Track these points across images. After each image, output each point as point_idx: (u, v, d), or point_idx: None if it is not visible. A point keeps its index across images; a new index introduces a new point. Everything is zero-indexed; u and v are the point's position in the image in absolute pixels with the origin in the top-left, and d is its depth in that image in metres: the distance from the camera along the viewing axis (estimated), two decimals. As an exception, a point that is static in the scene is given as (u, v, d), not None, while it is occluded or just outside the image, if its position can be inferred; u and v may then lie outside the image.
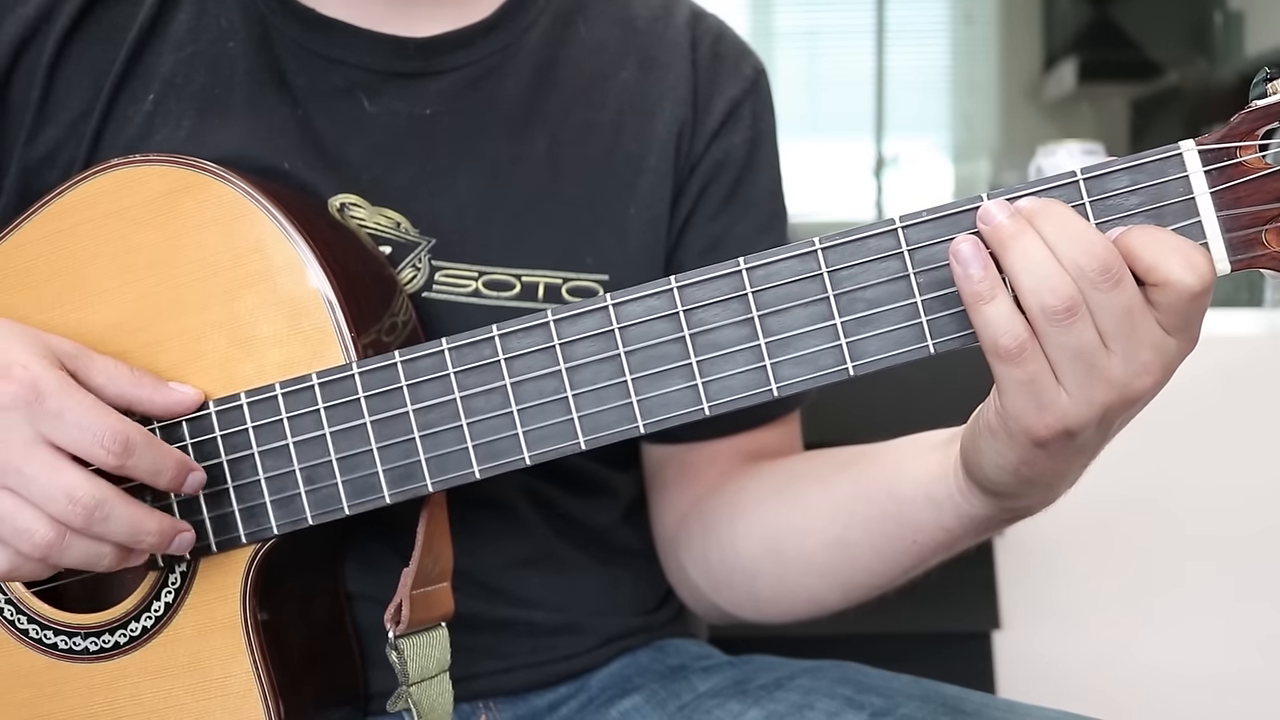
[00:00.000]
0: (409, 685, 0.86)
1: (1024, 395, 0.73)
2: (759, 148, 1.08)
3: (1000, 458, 0.79)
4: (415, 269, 0.97)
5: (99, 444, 0.80)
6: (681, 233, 1.05)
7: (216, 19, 0.98)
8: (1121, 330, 0.72)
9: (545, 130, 1.01)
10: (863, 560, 0.96)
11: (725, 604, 1.07)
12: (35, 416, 0.80)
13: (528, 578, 1.03)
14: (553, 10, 1.04)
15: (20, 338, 0.83)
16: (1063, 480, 0.83)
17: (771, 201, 1.10)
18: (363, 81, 0.98)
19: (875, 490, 0.94)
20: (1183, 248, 0.71)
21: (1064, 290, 0.71)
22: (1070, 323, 0.71)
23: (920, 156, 5.49)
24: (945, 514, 0.88)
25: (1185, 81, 4.87)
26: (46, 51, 0.96)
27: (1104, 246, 0.71)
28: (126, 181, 0.90)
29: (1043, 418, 0.74)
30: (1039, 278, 0.71)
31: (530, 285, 0.98)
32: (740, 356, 0.78)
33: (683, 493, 1.09)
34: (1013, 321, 0.72)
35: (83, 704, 0.90)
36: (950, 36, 5.48)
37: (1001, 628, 1.71)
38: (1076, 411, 0.73)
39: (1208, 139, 0.73)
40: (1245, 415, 1.78)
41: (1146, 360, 0.73)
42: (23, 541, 0.80)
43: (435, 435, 0.83)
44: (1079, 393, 0.73)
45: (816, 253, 0.76)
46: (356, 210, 0.96)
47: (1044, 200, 0.73)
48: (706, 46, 1.08)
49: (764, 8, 5.29)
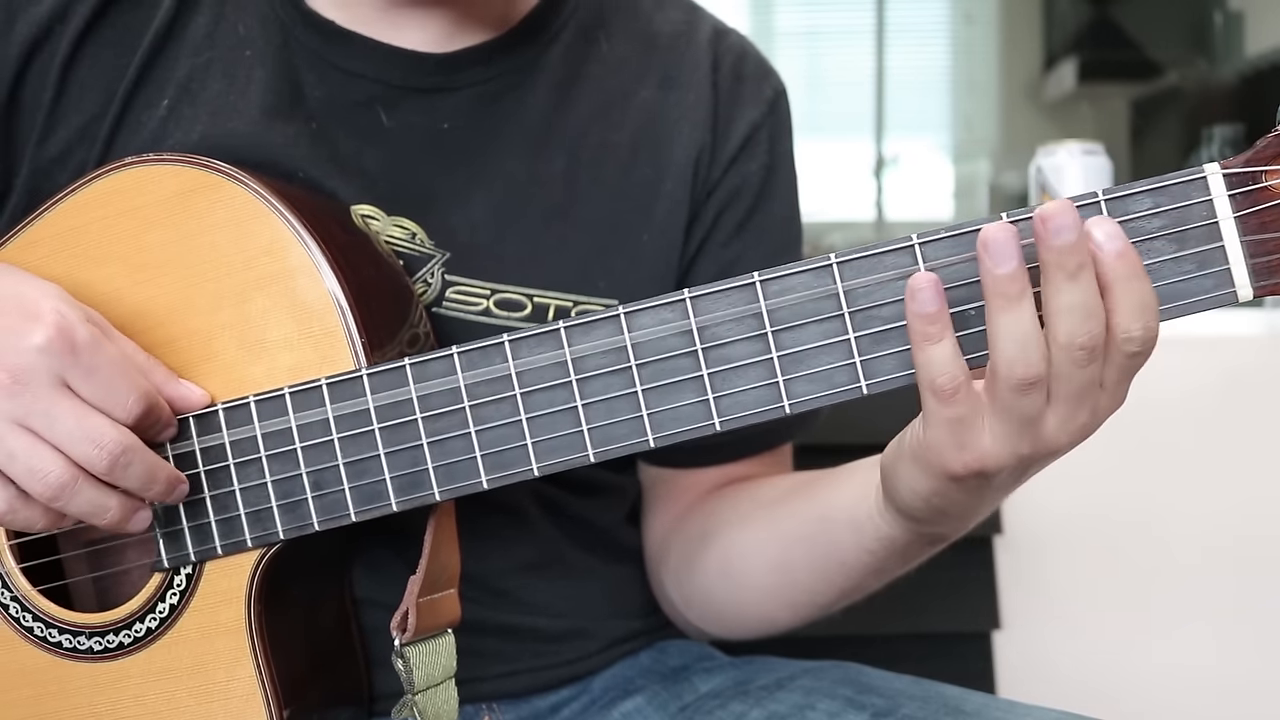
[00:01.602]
0: (415, 693, 0.86)
1: (948, 432, 0.74)
2: (775, 173, 1.08)
3: (915, 483, 0.79)
4: (427, 283, 0.96)
5: (121, 405, 0.81)
6: (694, 259, 1.05)
7: (234, 26, 0.98)
8: (1076, 396, 0.72)
9: (563, 149, 1.01)
10: (803, 581, 0.98)
11: (695, 620, 1.09)
12: (65, 366, 0.80)
13: (535, 582, 1.03)
14: (574, 25, 1.04)
15: (53, 290, 0.83)
16: (975, 513, 0.83)
17: (785, 228, 1.10)
18: (381, 95, 0.98)
19: (810, 513, 0.96)
20: (1149, 306, 0.71)
21: (1037, 368, 0.71)
22: (1027, 392, 0.71)
23: (920, 156, 5.49)
24: (866, 536, 0.89)
25: (1185, 81, 4.86)
26: (60, 53, 0.96)
27: (1100, 322, 0.70)
28: (140, 180, 0.89)
29: (961, 456, 0.74)
30: (1022, 353, 0.70)
31: (541, 306, 0.98)
32: (753, 372, 0.77)
33: (667, 513, 1.10)
34: (953, 364, 0.72)
35: (86, 703, 0.90)
36: (950, 36, 5.47)
37: (1001, 628, 1.71)
38: (996, 456, 0.74)
39: (1233, 162, 0.72)
40: (1245, 416, 1.78)
41: (1083, 421, 0.73)
42: (35, 482, 0.80)
43: (443, 443, 0.82)
44: (1004, 441, 0.73)
45: (832, 268, 0.76)
46: (372, 221, 0.96)
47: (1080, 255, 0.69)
48: (728, 67, 1.08)
49: (764, 8, 5.28)
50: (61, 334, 0.80)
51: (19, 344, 0.79)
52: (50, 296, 0.82)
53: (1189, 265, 0.72)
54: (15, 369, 0.79)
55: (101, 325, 0.84)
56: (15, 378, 0.79)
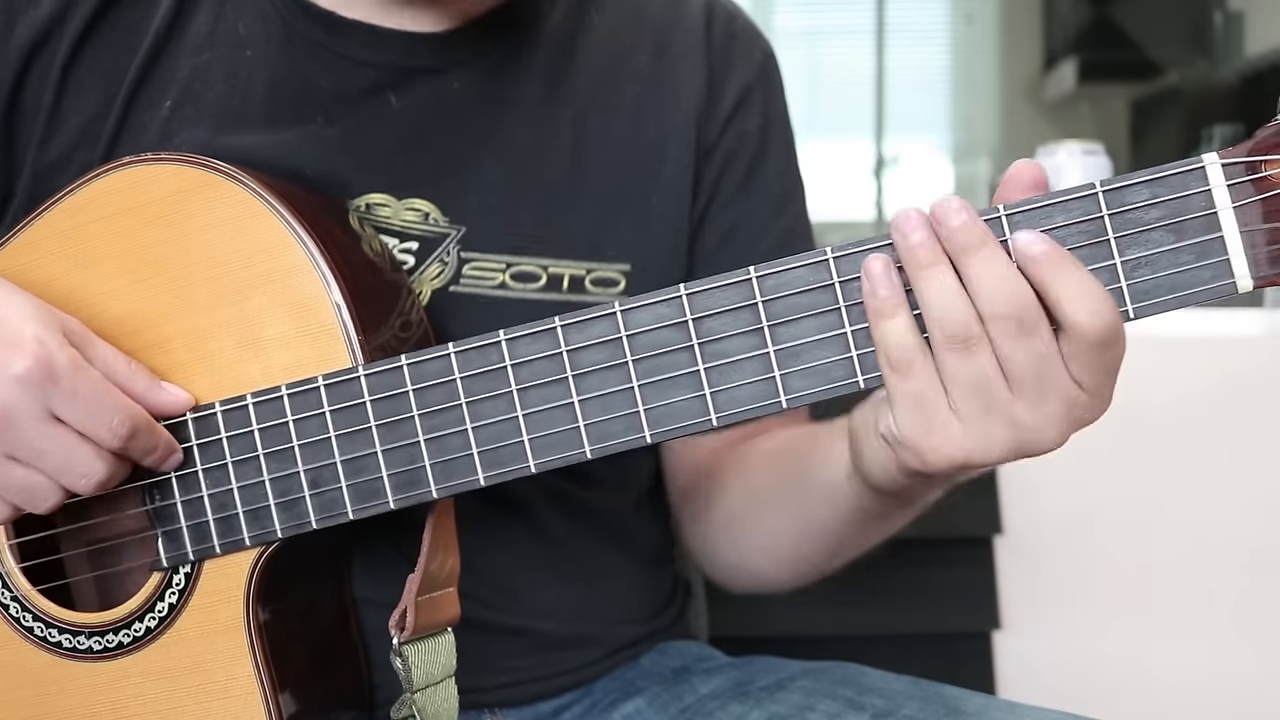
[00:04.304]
0: (413, 692, 0.85)
1: (913, 411, 0.74)
2: (770, 132, 1.09)
3: (888, 469, 0.80)
4: (443, 263, 0.97)
5: (106, 427, 0.82)
6: (701, 220, 1.06)
7: (234, 25, 0.98)
8: (1030, 375, 0.72)
9: (568, 119, 1.02)
10: (787, 543, 1.00)
11: (706, 569, 1.13)
12: (47, 394, 0.81)
13: (543, 580, 1.03)
14: (564, 1, 1.05)
15: (34, 311, 0.84)
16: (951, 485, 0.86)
17: (782, 182, 1.10)
18: (388, 80, 0.98)
19: (792, 476, 0.98)
20: (1091, 292, 0.71)
21: (964, 323, 0.72)
22: (966, 351, 0.72)
23: (920, 156, 5.50)
24: (840, 505, 0.91)
25: (1185, 81, 4.86)
26: (60, 55, 0.96)
27: (1021, 294, 0.72)
28: (139, 179, 0.90)
29: (930, 439, 0.74)
30: (944, 309, 0.72)
31: (556, 277, 0.99)
32: (749, 366, 0.77)
33: (685, 462, 1.11)
34: (906, 336, 0.73)
35: (85, 702, 0.90)
36: (950, 36, 5.48)
37: (1001, 628, 1.71)
38: (971, 444, 0.74)
39: (1231, 152, 0.71)
40: (1245, 415, 1.78)
41: (1052, 410, 0.73)
42: (31, 504, 0.85)
43: (440, 440, 0.82)
44: (974, 426, 0.73)
45: (828, 262, 0.75)
46: (382, 209, 0.96)
47: (975, 232, 0.72)
48: (721, 26, 1.09)
49: (764, 8, 5.30)
50: (40, 362, 0.80)
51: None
52: (29, 320, 0.82)
53: (1188, 256, 0.72)
54: (1, 405, 0.80)
55: (81, 336, 0.85)
56: (1, 414, 0.81)
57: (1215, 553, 1.77)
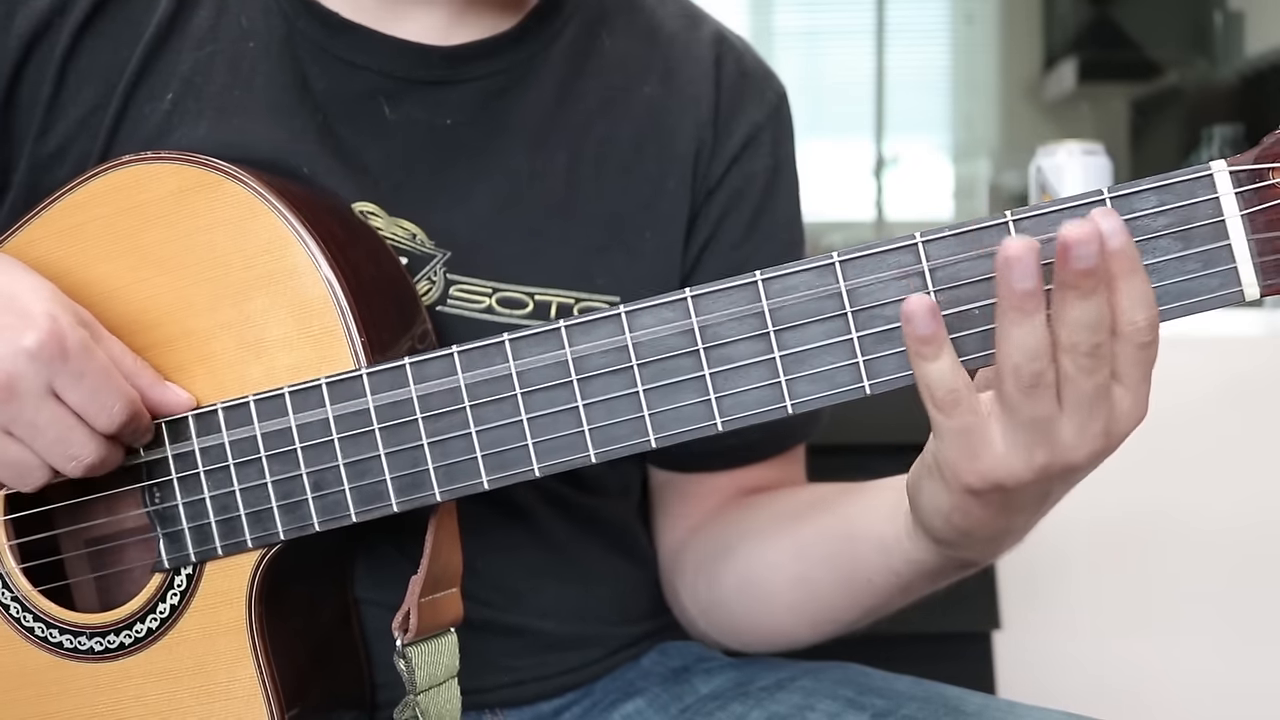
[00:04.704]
0: (417, 694, 0.85)
1: (957, 443, 0.73)
2: (779, 175, 1.08)
3: (936, 500, 0.78)
4: (430, 281, 0.96)
5: (106, 411, 0.82)
6: (701, 260, 1.05)
7: (237, 18, 0.97)
8: (1086, 403, 0.70)
9: (566, 146, 1.00)
10: (825, 598, 0.97)
11: (712, 633, 1.09)
12: (54, 370, 0.80)
13: (544, 582, 1.03)
14: (577, 21, 1.03)
15: (49, 292, 0.84)
16: (1004, 535, 0.81)
17: (790, 230, 1.09)
18: (385, 88, 0.97)
19: (835, 531, 0.94)
20: (1149, 293, 0.69)
21: (1042, 371, 0.69)
22: (1033, 390, 0.70)
23: (920, 156, 5.50)
24: (894, 557, 0.88)
25: (1185, 81, 4.86)
26: (59, 46, 0.95)
27: (1105, 330, 0.69)
28: (139, 178, 0.89)
29: (975, 466, 0.73)
30: (1027, 355, 0.69)
31: (543, 304, 0.98)
32: (755, 372, 0.76)
33: (680, 520, 1.10)
34: (951, 378, 0.71)
35: (87, 703, 0.90)
36: (950, 36, 5.48)
37: (1001, 628, 1.71)
38: (1010, 465, 0.72)
39: (1240, 159, 0.71)
40: (1245, 415, 1.78)
41: (1099, 429, 0.71)
42: (19, 482, 0.85)
43: (444, 443, 0.82)
44: (1018, 448, 0.72)
45: (834, 266, 0.75)
46: (374, 219, 0.96)
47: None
48: (731, 64, 1.07)
49: (764, 8, 5.28)
50: (53, 338, 0.80)
51: (9, 348, 0.80)
52: (43, 298, 0.82)
53: (1194, 264, 0.71)
54: (6, 375, 0.80)
55: (92, 326, 0.85)
56: (6, 385, 0.80)
57: (1215, 553, 1.77)
